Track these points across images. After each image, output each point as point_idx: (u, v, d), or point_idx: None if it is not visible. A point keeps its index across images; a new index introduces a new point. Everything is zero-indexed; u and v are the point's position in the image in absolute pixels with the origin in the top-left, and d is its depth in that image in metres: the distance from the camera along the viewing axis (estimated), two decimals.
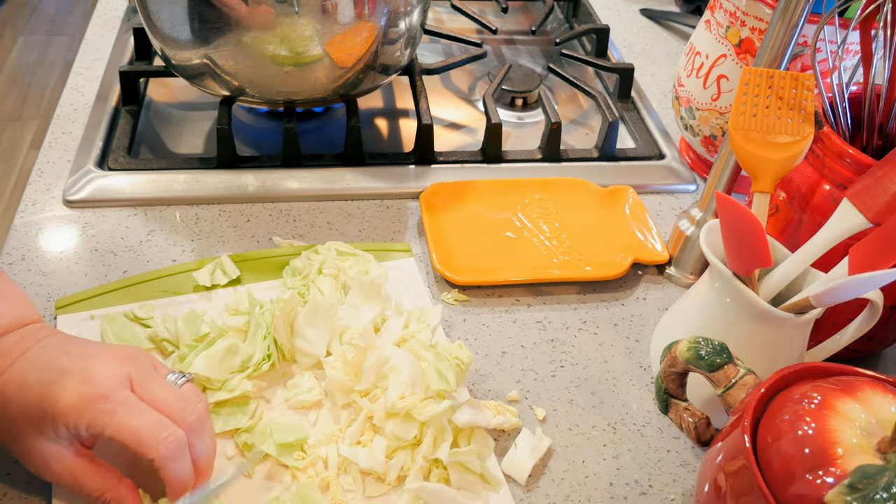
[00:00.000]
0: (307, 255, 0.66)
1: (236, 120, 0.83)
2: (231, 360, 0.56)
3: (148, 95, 0.87)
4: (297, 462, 0.53)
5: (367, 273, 0.64)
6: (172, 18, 0.69)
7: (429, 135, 0.78)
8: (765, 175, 0.56)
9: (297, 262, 0.65)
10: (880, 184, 0.52)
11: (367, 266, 0.65)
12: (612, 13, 1.10)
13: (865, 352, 0.64)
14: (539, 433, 0.57)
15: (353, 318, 0.60)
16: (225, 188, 0.74)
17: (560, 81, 0.94)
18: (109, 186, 0.73)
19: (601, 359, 0.64)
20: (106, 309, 0.62)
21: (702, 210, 0.69)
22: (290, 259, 0.66)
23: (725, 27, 0.72)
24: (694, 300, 0.60)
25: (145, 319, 0.61)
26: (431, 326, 0.61)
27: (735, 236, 0.53)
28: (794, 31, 0.57)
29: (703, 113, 0.76)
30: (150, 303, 0.62)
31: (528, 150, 0.82)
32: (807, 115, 0.57)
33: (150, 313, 0.61)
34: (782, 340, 0.55)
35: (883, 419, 0.42)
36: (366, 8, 0.69)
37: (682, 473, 0.57)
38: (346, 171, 0.77)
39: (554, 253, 0.71)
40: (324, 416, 0.57)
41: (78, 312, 0.61)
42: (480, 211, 0.74)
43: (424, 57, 0.96)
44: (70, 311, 0.61)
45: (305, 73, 0.72)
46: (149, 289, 0.64)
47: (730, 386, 0.49)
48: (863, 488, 0.38)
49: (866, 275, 0.47)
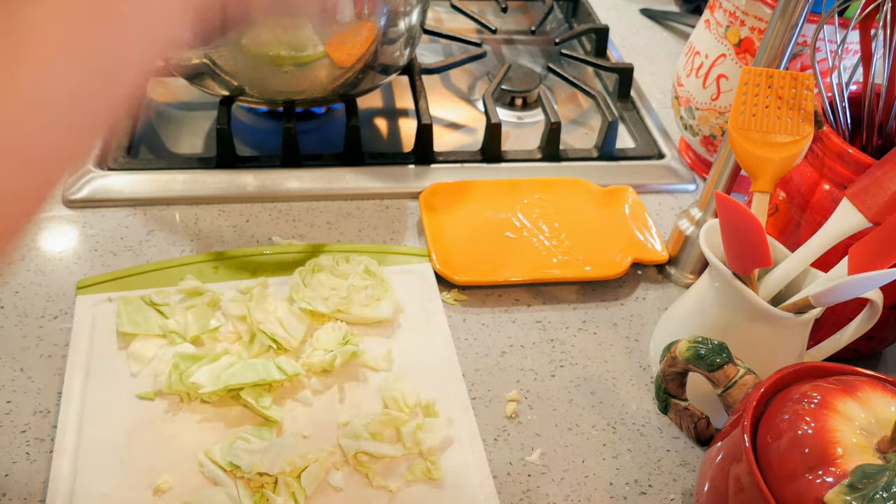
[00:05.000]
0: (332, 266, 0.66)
1: (236, 120, 0.83)
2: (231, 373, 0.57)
3: (147, 95, 0.87)
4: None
5: (378, 300, 0.64)
6: None
7: (428, 134, 0.78)
8: (764, 175, 0.56)
9: (323, 271, 0.65)
10: (880, 183, 0.52)
11: (382, 293, 0.65)
12: (611, 13, 1.10)
13: (865, 351, 0.64)
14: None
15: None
16: (224, 188, 0.74)
17: (560, 81, 0.94)
18: (109, 186, 0.73)
19: (601, 359, 0.64)
20: (125, 292, 0.63)
21: (701, 210, 0.69)
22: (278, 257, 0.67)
23: (725, 27, 0.72)
24: (694, 300, 0.60)
25: (160, 305, 0.62)
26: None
27: (735, 236, 0.53)
28: (794, 30, 0.57)
29: (702, 112, 0.76)
30: (166, 289, 0.63)
31: (527, 150, 0.82)
32: (806, 114, 0.57)
33: (166, 299, 0.62)
34: (782, 340, 0.55)
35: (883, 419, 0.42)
36: (365, 8, 0.69)
37: (682, 473, 0.57)
38: (346, 170, 0.77)
39: (553, 253, 0.71)
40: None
41: (97, 294, 0.63)
42: (480, 211, 0.74)
43: (424, 57, 0.96)
44: (90, 291, 0.63)
45: (305, 73, 0.72)
46: (169, 275, 0.65)
47: (730, 386, 0.49)
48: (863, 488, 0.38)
49: (866, 275, 0.47)
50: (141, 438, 0.54)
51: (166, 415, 0.56)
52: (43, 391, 0.57)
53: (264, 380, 0.57)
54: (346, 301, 0.63)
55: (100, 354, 0.59)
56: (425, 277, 0.68)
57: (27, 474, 0.52)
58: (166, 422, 0.55)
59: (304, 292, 0.63)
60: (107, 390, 0.57)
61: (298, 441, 0.55)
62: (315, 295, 0.63)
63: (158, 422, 0.55)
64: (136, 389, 0.57)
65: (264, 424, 0.56)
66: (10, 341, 0.60)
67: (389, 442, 0.55)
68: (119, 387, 0.57)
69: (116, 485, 0.52)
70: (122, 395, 0.57)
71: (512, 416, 0.59)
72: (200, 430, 0.55)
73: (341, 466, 0.54)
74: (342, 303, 0.63)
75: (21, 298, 0.63)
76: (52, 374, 0.58)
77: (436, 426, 0.56)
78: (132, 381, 0.58)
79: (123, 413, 0.56)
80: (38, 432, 0.55)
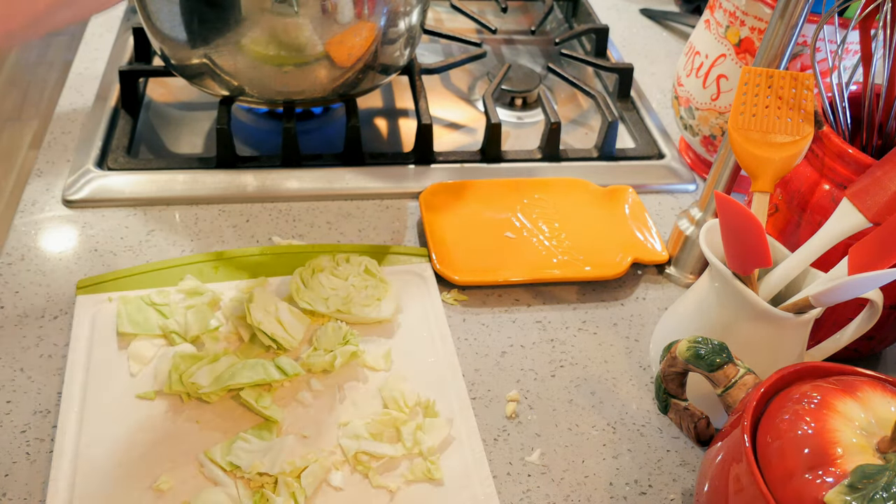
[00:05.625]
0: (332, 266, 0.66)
1: (236, 120, 0.83)
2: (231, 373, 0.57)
3: (147, 95, 0.87)
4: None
5: (378, 300, 0.64)
6: (172, 18, 0.69)
7: (428, 134, 0.78)
8: (764, 175, 0.56)
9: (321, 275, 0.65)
10: (880, 183, 0.52)
11: (382, 293, 0.65)
12: (611, 13, 1.10)
13: (865, 351, 0.64)
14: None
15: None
16: (224, 188, 0.74)
17: (560, 81, 0.94)
18: (109, 186, 0.73)
19: (601, 359, 0.64)
20: (125, 292, 0.63)
21: (701, 210, 0.69)
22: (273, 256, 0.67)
23: (725, 27, 0.72)
24: (693, 300, 0.60)
25: (160, 305, 0.62)
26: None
27: (735, 236, 0.53)
28: (794, 30, 0.57)
29: (702, 113, 0.76)
30: (166, 289, 0.63)
31: (527, 150, 0.82)
32: (806, 114, 0.57)
33: (166, 299, 0.62)
34: (782, 340, 0.55)
35: (883, 419, 0.42)
36: (365, 8, 0.69)
37: (682, 473, 0.57)
38: (346, 170, 0.77)
39: (553, 253, 0.71)
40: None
41: (97, 294, 0.63)
42: (480, 211, 0.74)
43: (424, 57, 0.96)
44: (90, 291, 0.63)
45: (305, 73, 0.72)
46: (169, 275, 0.65)
47: (729, 386, 0.49)
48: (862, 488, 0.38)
49: (866, 275, 0.47)
50: (141, 438, 0.54)
51: (166, 415, 0.56)
52: (43, 391, 0.57)
53: (264, 380, 0.57)
54: (346, 301, 0.63)
55: (100, 355, 0.59)
56: (425, 277, 0.68)
57: (27, 474, 0.52)
58: (166, 422, 0.55)
59: (304, 292, 0.63)
60: (107, 390, 0.57)
61: (298, 441, 0.55)
62: (315, 295, 0.63)
63: (158, 422, 0.55)
64: (136, 389, 0.57)
65: (264, 424, 0.56)
66: (10, 341, 0.60)
67: (389, 442, 0.55)
68: (119, 387, 0.57)
69: (116, 485, 0.52)
70: (122, 395, 0.57)
71: (512, 416, 0.59)
72: (200, 430, 0.55)
73: (341, 466, 0.54)
74: (342, 303, 0.63)
75: (21, 298, 0.63)
76: (52, 374, 0.58)
77: (436, 426, 0.56)
78: (132, 381, 0.58)
79: (123, 413, 0.56)
80: (38, 432, 0.55)
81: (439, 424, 0.56)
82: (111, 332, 0.60)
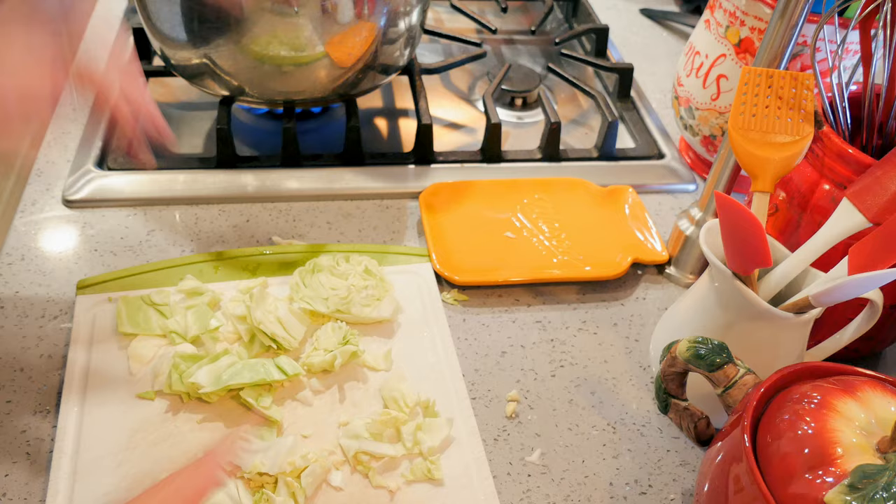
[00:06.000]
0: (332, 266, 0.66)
1: (236, 120, 0.83)
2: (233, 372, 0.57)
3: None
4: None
5: (378, 300, 0.64)
6: (171, 18, 0.69)
7: (428, 134, 0.78)
8: (764, 175, 0.56)
9: (322, 273, 0.65)
10: (880, 183, 0.52)
11: (382, 293, 0.65)
12: (611, 13, 1.10)
13: (865, 351, 0.64)
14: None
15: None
16: (224, 188, 0.74)
17: (560, 81, 0.94)
18: (109, 186, 0.73)
19: (601, 358, 0.64)
20: (125, 292, 0.63)
21: (701, 210, 0.69)
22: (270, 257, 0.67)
23: (725, 27, 0.72)
24: (694, 300, 0.60)
25: (160, 305, 0.62)
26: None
27: (735, 236, 0.53)
28: (794, 30, 0.57)
29: (702, 113, 0.76)
30: (166, 289, 0.63)
31: (527, 150, 0.82)
32: (806, 114, 0.57)
33: (166, 300, 0.62)
34: (782, 340, 0.55)
35: (883, 419, 0.42)
36: (365, 8, 0.69)
37: (682, 473, 0.57)
38: (346, 170, 0.77)
39: (553, 253, 0.71)
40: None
41: (97, 294, 0.63)
42: (480, 211, 0.74)
43: (424, 57, 0.96)
44: (90, 291, 0.63)
45: (305, 73, 0.72)
46: (169, 275, 0.65)
47: (729, 386, 0.49)
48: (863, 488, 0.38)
49: (866, 275, 0.47)
50: (141, 439, 0.54)
51: (166, 415, 0.56)
52: (43, 391, 0.57)
53: (264, 380, 0.57)
54: (346, 301, 0.63)
55: (100, 354, 0.59)
56: (425, 277, 0.68)
57: (27, 474, 0.52)
58: (166, 422, 0.55)
59: (304, 292, 0.63)
60: (107, 390, 0.57)
61: (298, 441, 0.55)
62: (315, 295, 0.63)
63: (158, 422, 0.55)
64: (136, 389, 0.57)
65: (264, 424, 0.56)
66: (10, 341, 0.60)
67: (389, 442, 0.55)
68: (119, 387, 0.57)
69: (116, 485, 0.52)
70: (122, 395, 0.57)
71: (512, 416, 0.59)
72: (200, 430, 0.55)
73: (341, 466, 0.54)
74: (342, 303, 0.63)
75: (21, 298, 0.63)
76: (52, 374, 0.58)
77: (436, 426, 0.56)
78: (132, 381, 0.58)
79: (123, 413, 0.56)
80: (38, 432, 0.55)
81: (439, 424, 0.56)
82: (111, 332, 0.60)
